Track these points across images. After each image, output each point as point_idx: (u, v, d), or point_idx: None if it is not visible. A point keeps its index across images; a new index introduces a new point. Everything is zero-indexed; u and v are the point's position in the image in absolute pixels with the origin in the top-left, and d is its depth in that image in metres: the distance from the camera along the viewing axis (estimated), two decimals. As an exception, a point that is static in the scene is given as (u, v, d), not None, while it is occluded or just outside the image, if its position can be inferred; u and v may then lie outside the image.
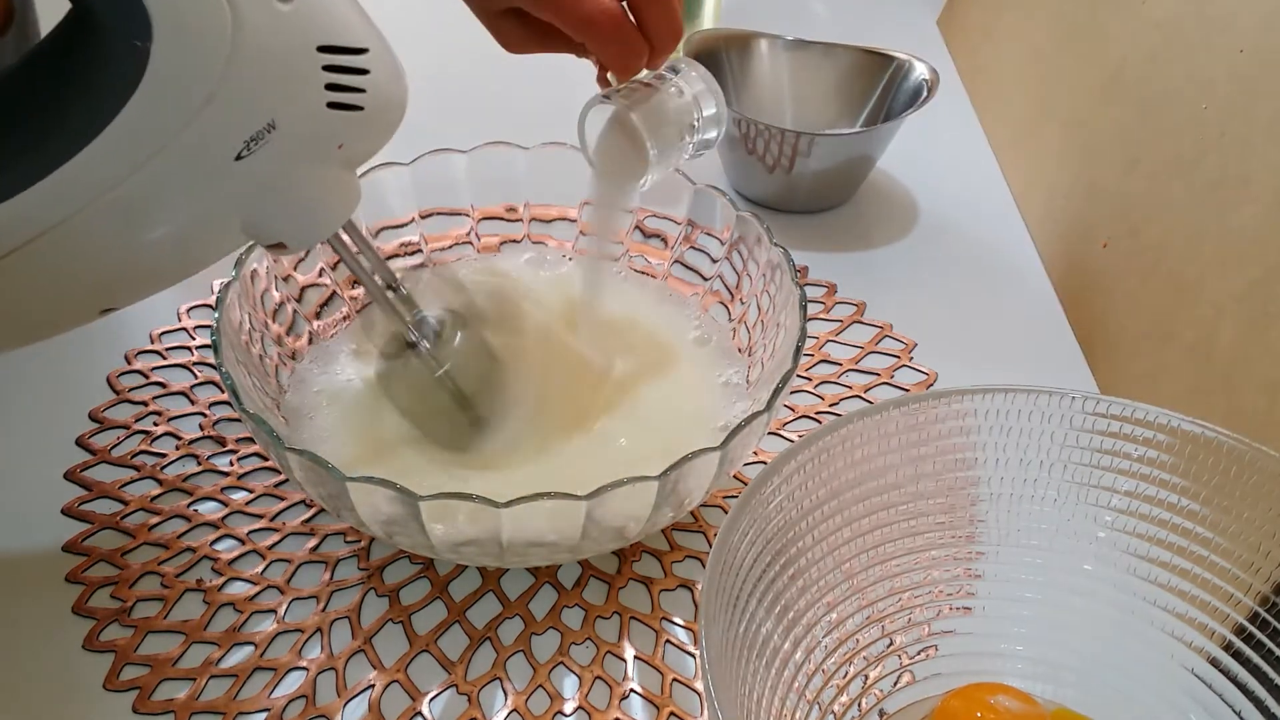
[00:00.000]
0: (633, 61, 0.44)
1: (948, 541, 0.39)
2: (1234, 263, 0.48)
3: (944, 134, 0.74)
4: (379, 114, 0.35)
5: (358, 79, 0.33)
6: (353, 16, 0.34)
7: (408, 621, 0.43)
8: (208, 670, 0.40)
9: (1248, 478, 0.34)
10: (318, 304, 0.51)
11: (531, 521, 0.38)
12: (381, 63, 0.34)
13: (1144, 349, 0.53)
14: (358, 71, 0.33)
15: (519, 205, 0.55)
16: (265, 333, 0.47)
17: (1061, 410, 0.37)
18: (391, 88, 0.35)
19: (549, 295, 0.51)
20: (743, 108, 0.69)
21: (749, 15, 0.76)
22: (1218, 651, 0.36)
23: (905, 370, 0.56)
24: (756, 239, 0.49)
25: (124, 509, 0.46)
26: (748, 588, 0.33)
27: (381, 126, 0.36)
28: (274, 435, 0.38)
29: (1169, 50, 0.56)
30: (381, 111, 0.35)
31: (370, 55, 0.34)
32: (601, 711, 0.40)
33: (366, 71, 0.33)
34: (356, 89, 0.33)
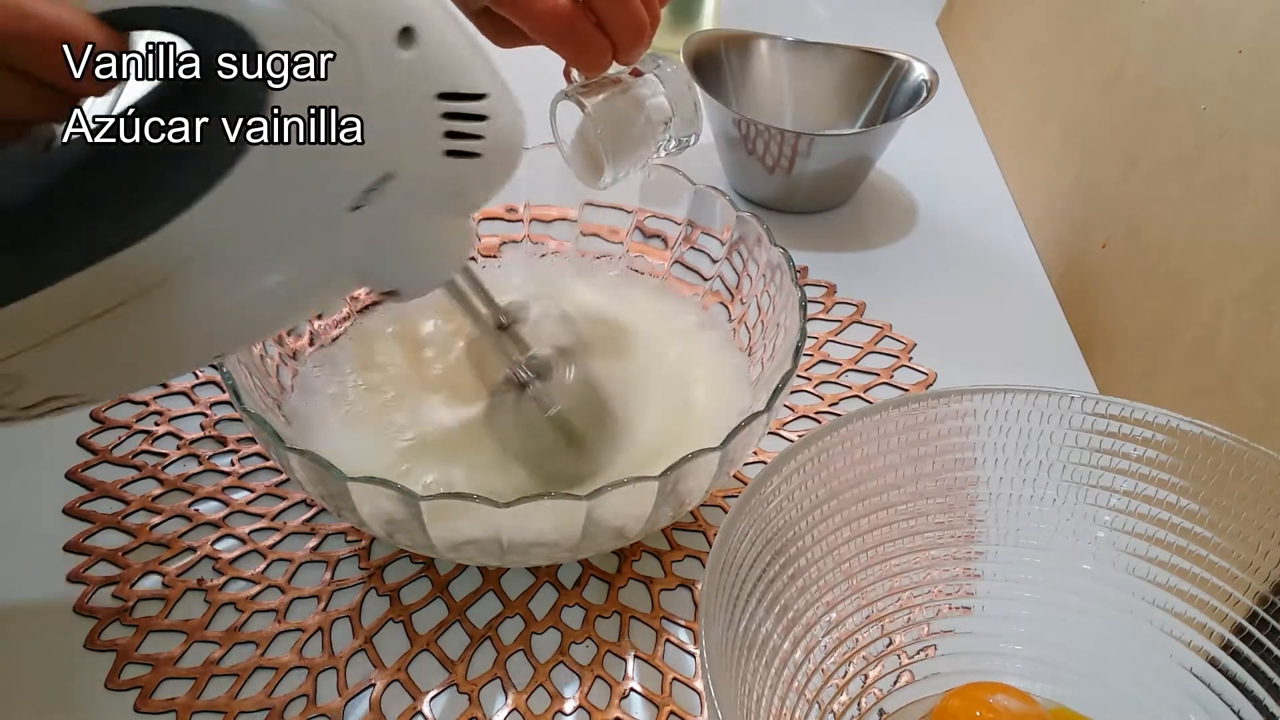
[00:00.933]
0: (593, 59, 0.42)
1: (947, 541, 0.39)
2: (1234, 262, 0.48)
3: (943, 134, 0.74)
4: (497, 160, 0.34)
5: (477, 125, 0.32)
6: (473, 60, 0.32)
7: (408, 621, 0.43)
8: (209, 669, 0.41)
9: (1247, 478, 0.34)
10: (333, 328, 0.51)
11: (532, 521, 0.38)
12: (501, 107, 0.33)
13: (1143, 349, 0.53)
14: (477, 118, 0.32)
15: (519, 205, 0.55)
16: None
17: (1061, 410, 0.37)
18: (511, 132, 0.34)
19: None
20: (743, 108, 0.69)
21: (749, 15, 0.76)
22: (1217, 651, 0.36)
23: (904, 370, 0.56)
24: (756, 239, 0.49)
25: (125, 508, 0.46)
26: (748, 587, 0.33)
27: (500, 172, 0.34)
28: (275, 435, 0.38)
29: (1169, 50, 0.56)
30: (500, 157, 0.34)
31: (490, 100, 0.32)
32: (602, 711, 0.40)
33: (486, 118, 0.32)
34: (475, 135, 0.32)
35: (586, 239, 0.55)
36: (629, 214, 0.54)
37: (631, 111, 0.44)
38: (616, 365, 0.46)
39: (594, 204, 0.55)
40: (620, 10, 0.41)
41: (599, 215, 0.55)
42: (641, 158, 0.45)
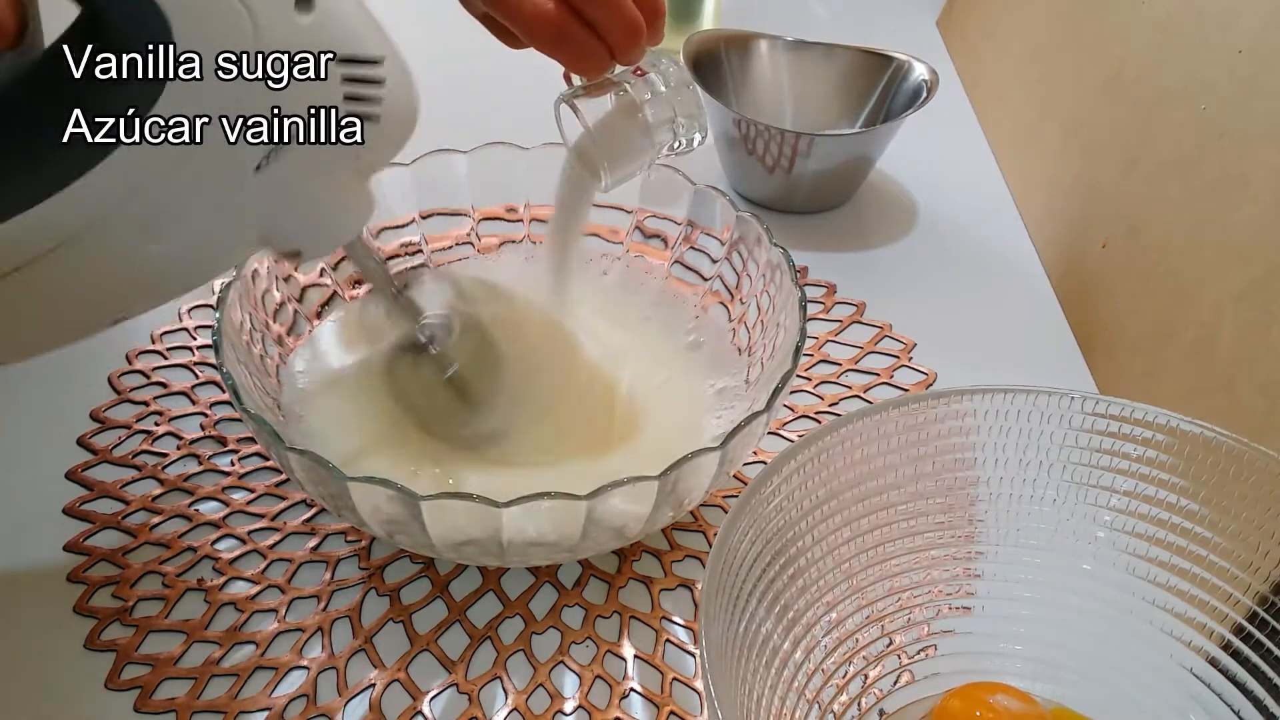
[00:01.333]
0: (587, 63, 0.42)
1: (947, 541, 0.39)
2: (1234, 263, 0.48)
3: (944, 134, 0.74)
4: (394, 123, 0.35)
5: (374, 89, 0.33)
6: (369, 27, 0.34)
7: (408, 621, 0.43)
8: (209, 669, 0.41)
9: (1247, 478, 0.34)
10: (318, 304, 0.51)
11: (532, 521, 0.38)
12: (396, 73, 0.34)
13: (1143, 349, 0.53)
14: (374, 82, 0.33)
15: (519, 205, 0.55)
16: (266, 333, 0.47)
17: (1061, 410, 0.37)
18: (406, 97, 0.35)
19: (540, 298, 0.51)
20: (743, 108, 0.69)
21: (749, 15, 0.77)
22: (1217, 651, 0.36)
23: (904, 370, 0.56)
24: (756, 239, 0.49)
25: (125, 508, 0.46)
26: (748, 587, 0.33)
27: (397, 135, 0.36)
28: (275, 435, 0.38)
29: (1169, 50, 0.56)
30: (397, 121, 0.35)
31: (386, 65, 0.34)
32: (602, 710, 0.40)
33: (382, 82, 0.33)
34: (373, 99, 0.33)
35: (587, 239, 0.55)
36: (629, 214, 0.54)
37: (628, 116, 0.44)
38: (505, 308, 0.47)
39: (594, 204, 0.54)
40: (611, 13, 0.40)
41: (599, 215, 0.55)
42: (640, 162, 0.45)
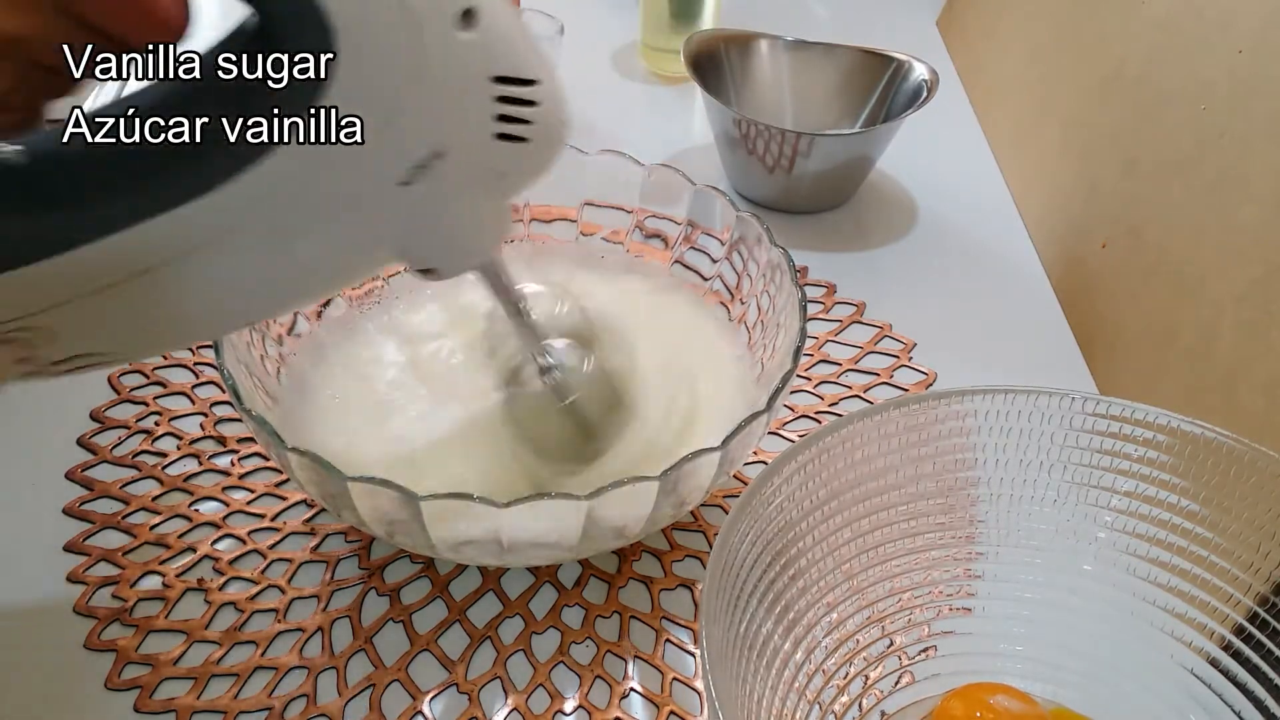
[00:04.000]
0: None
1: (947, 542, 0.39)
2: (1234, 263, 0.48)
3: (944, 134, 0.74)
4: (543, 146, 0.34)
5: (527, 110, 0.33)
6: (527, 47, 0.33)
7: (408, 621, 0.43)
8: (209, 670, 0.41)
9: (1247, 478, 0.34)
10: (318, 305, 0.51)
11: (532, 521, 0.38)
12: (550, 95, 0.34)
13: (1143, 349, 0.53)
14: (528, 103, 0.33)
15: (519, 205, 0.55)
16: (266, 333, 0.47)
17: (1061, 411, 0.37)
18: (557, 120, 0.34)
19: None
20: (743, 108, 0.69)
21: (749, 15, 0.76)
22: (1217, 651, 0.36)
23: (904, 370, 0.56)
24: (756, 239, 0.49)
25: (125, 508, 0.46)
26: (748, 588, 0.33)
27: (545, 158, 0.35)
28: (275, 435, 0.38)
29: (1168, 50, 0.56)
30: (546, 144, 0.34)
31: (541, 87, 0.33)
32: (602, 710, 0.40)
33: (536, 104, 0.33)
34: (525, 120, 0.33)
35: (587, 239, 0.55)
36: (629, 214, 0.54)
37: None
38: (626, 358, 0.46)
39: (594, 204, 0.55)
40: None
41: (599, 215, 0.55)
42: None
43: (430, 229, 0.33)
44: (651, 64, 0.80)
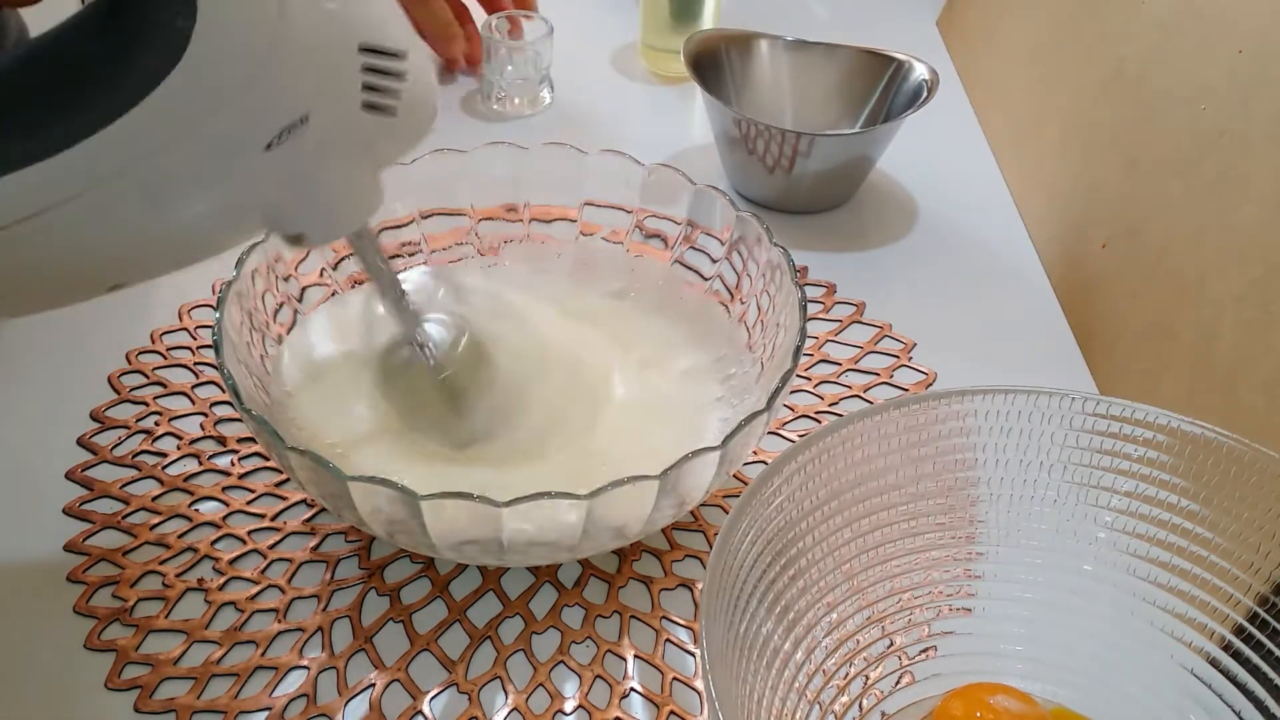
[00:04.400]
0: None
1: (948, 542, 0.39)
2: (1234, 262, 0.48)
3: (944, 134, 0.74)
4: (411, 119, 0.35)
5: (394, 82, 0.33)
6: (395, 20, 0.33)
7: (408, 620, 0.43)
8: (209, 669, 0.41)
9: (1247, 478, 0.34)
10: (319, 304, 0.51)
11: (530, 520, 0.38)
12: (418, 69, 0.34)
13: (1144, 349, 0.53)
14: (395, 75, 0.33)
15: (519, 205, 0.55)
16: (266, 332, 0.47)
17: (1061, 411, 0.37)
18: (425, 94, 0.35)
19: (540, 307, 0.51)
20: (743, 108, 0.69)
21: (749, 15, 0.76)
22: (1217, 651, 0.36)
23: (904, 370, 0.56)
24: (756, 239, 0.49)
25: (125, 508, 0.46)
26: (748, 588, 0.33)
27: (412, 132, 0.36)
28: (275, 434, 0.38)
29: (1169, 50, 0.56)
30: (414, 117, 0.35)
31: (409, 60, 0.33)
32: (602, 710, 0.40)
33: (403, 76, 0.33)
34: (392, 91, 0.33)
35: (587, 239, 0.55)
36: (629, 214, 0.54)
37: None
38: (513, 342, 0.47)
39: (594, 204, 0.55)
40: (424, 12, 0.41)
41: (599, 215, 0.55)
42: None
43: (296, 194, 0.34)
44: (651, 64, 0.80)
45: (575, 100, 0.75)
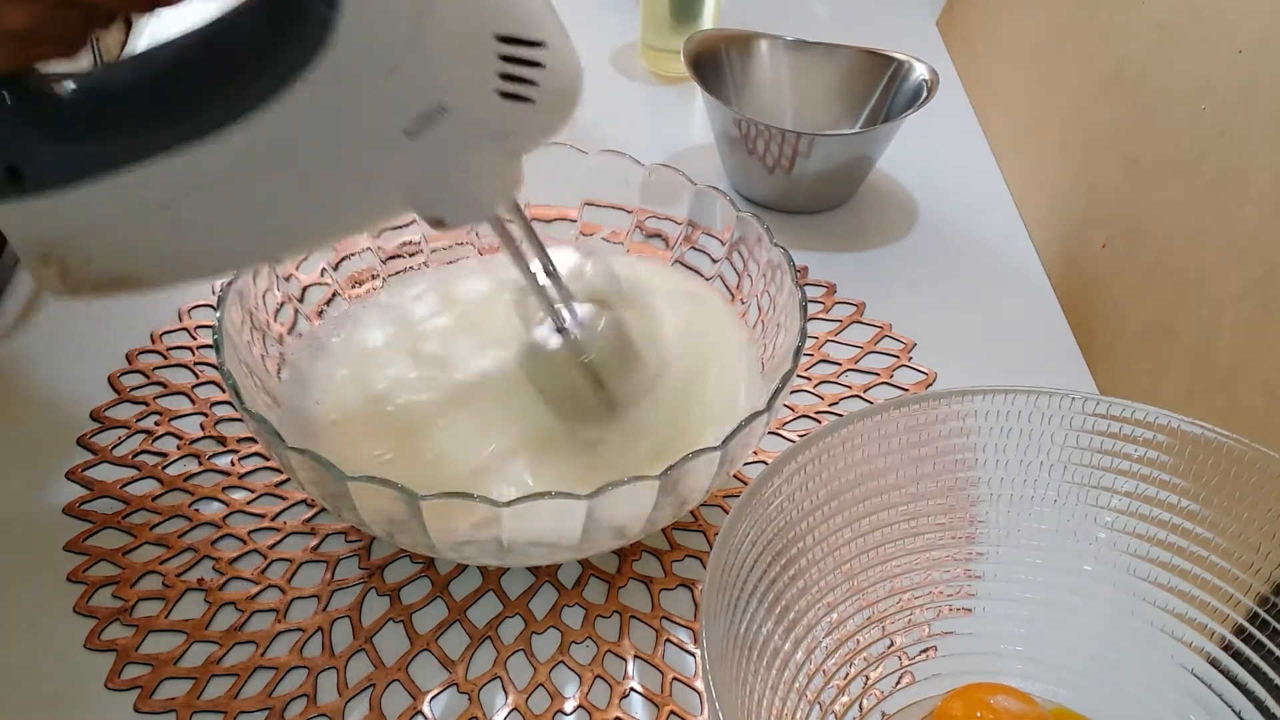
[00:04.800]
0: None
1: (948, 542, 0.39)
2: (1234, 262, 0.48)
3: (944, 134, 0.74)
4: (549, 108, 0.35)
5: (532, 71, 0.33)
6: (536, 8, 0.34)
7: (408, 620, 0.43)
8: (209, 669, 0.41)
9: (1247, 478, 0.34)
10: (319, 304, 0.51)
11: (532, 521, 0.38)
12: (558, 58, 0.34)
13: (1144, 349, 0.53)
14: (533, 64, 0.33)
15: (519, 205, 0.55)
16: (267, 332, 0.47)
17: (1061, 411, 0.37)
18: (565, 84, 0.35)
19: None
20: (743, 108, 0.69)
21: (749, 15, 0.76)
22: (1217, 651, 0.36)
23: (904, 370, 0.56)
24: (757, 239, 0.49)
25: (125, 508, 0.46)
26: (748, 588, 0.33)
27: (550, 121, 0.36)
28: (275, 435, 0.38)
29: (1169, 50, 0.56)
30: (552, 106, 0.35)
31: (548, 50, 0.34)
32: (602, 710, 0.40)
33: (542, 65, 0.33)
34: (530, 81, 0.33)
35: (587, 239, 0.55)
36: (629, 214, 0.54)
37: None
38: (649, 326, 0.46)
39: (594, 204, 0.55)
40: None
41: (599, 215, 0.55)
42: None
43: (436, 179, 0.34)
44: (651, 64, 0.80)
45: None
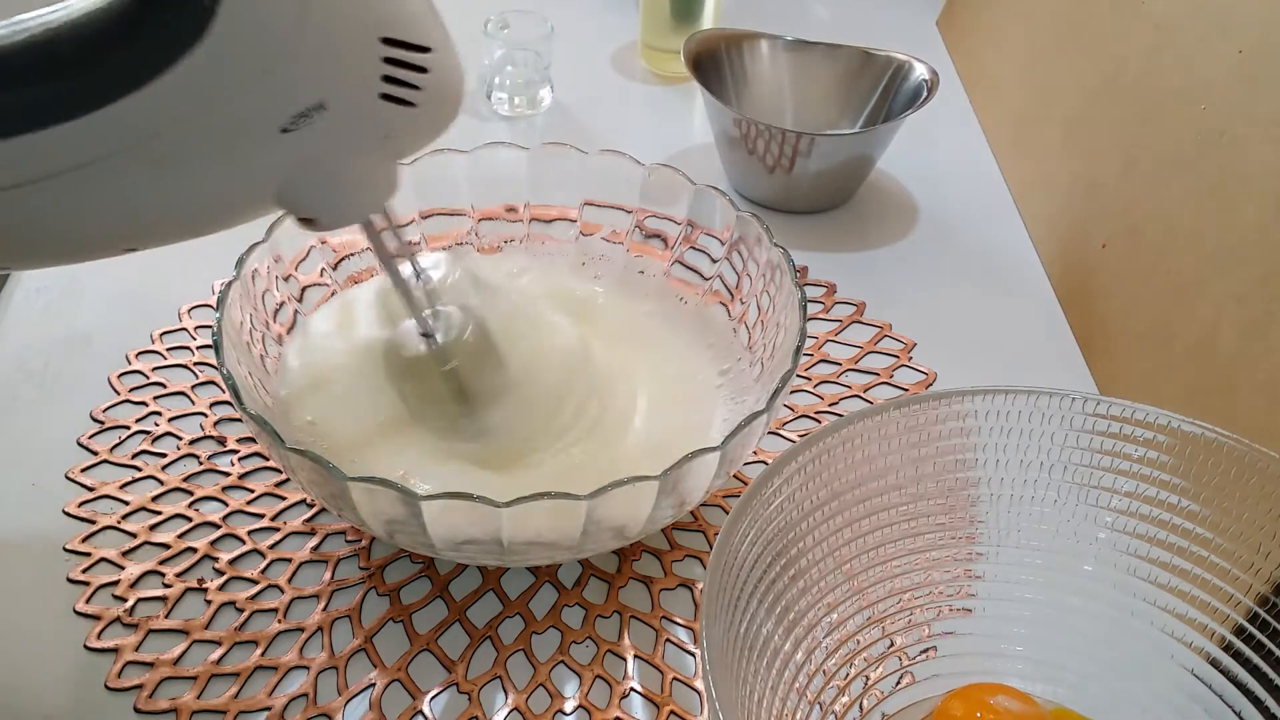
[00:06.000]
0: None
1: (948, 542, 0.39)
2: (1234, 263, 0.48)
3: (944, 134, 0.74)
4: (431, 113, 0.35)
5: (416, 75, 0.33)
6: (423, 14, 0.33)
7: (408, 620, 0.43)
8: (209, 670, 0.41)
9: (1247, 478, 0.34)
10: (318, 304, 0.51)
11: (532, 521, 0.38)
12: (443, 65, 0.34)
13: (1144, 349, 0.53)
14: (417, 69, 0.33)
15: (519, 205, 0.55)
16: (266, 332, 0.47)
17: (1061, 411, 0.37)
18: (448, 90, 0.35)
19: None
20: (743, 108, 0.69)
21: (749, 15, 0.76)
22: (1217, 652, 0.36)
23: (904, 370, 0.56)
24: (756, 239, 0.49)
25: (125, 509, 0.46)
26: (748, 588, 0.33)
27: (432, 125, 0.36)
28: (275, 435, 0.38)
29: (1169, 50, 0.56)
30: (434, 111, 0.35)
31: (433, 55, 0.33)
32: (602, 710, 0.40)
33: (426, 70, 0.33)
34: (412, 85, 0.33)
35: (586, 239, 0.55)
36: (629, 214, 0.54)
37: None
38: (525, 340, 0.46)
39: (594, 204, 0.55)
40: None
41: (599, 215, 0.55)
42: None
43: (310, 179, 0.34)
44: (651, 64, 0.80)
45: (575, 100, 0.75)
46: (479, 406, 0.44)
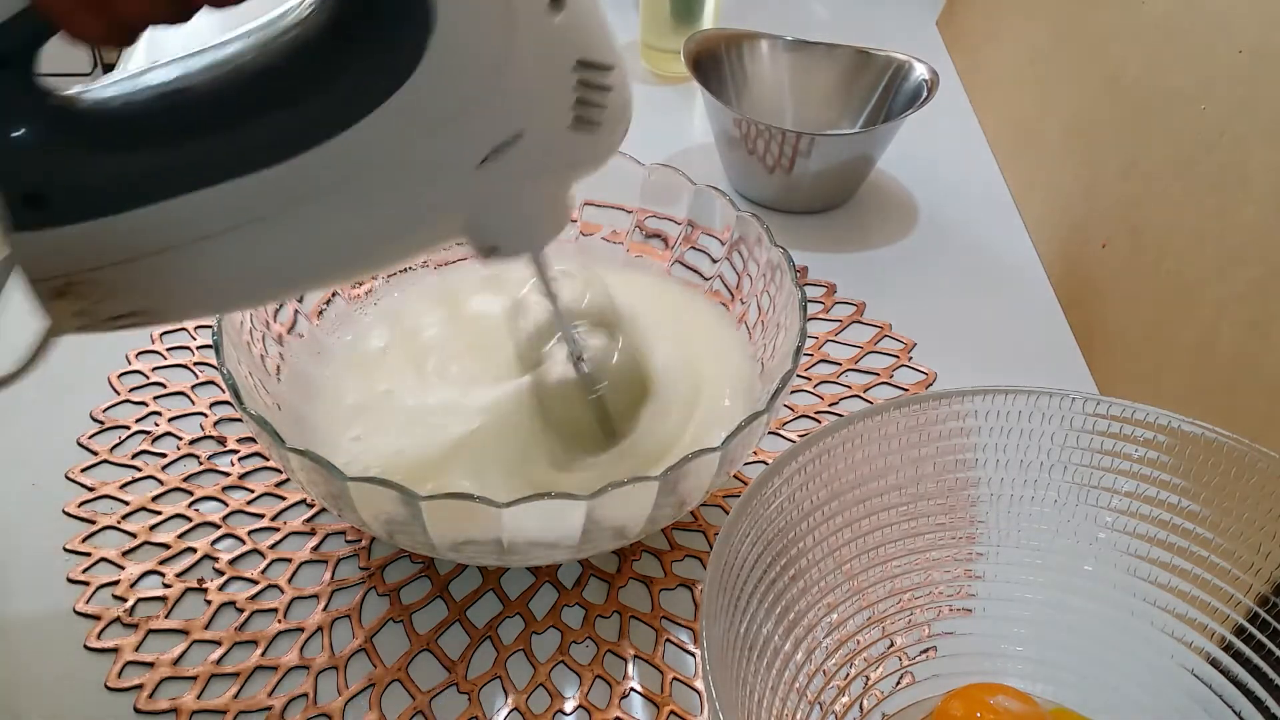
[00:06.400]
0: None
1: (948, 542, 0.39)
2: (1234, 263, 0.48)
3: (944, 134, 0.74)
4: (610, 133, 0.35)
5: (602, 96, 0.33)
6: (607, 32, 0.33)
7: (408, 620, 0.43)
8: (209, 670, 0.41)
9: (1248, 478, 0.34)
10: (319, 304, 0.51)
11: (532, 521, 0.38)
12: (622, 82, 0.34)
13: (1144, 349, 0.53)
14: (603, 88, 0.33)
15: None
16: (266, 332, 0.47)
17: (1061, 411, 0.37)
18: (625, 110, 0.35)
19: None
20: (743, 108, 0.69)
21: (749, 15, 0.76)
22: (1217, 652, 0.36)
23: (904, 370, 0.56)
24: (757, 239, 0.49)
25: (125, 509, 0.46)
26: (749, 588, 0.33)
27: (609, 145, 0.35)
28: (275, 435, 0.38)
29: (1169, 50, 0.56)
30: (613, 131, 0.35)
31: (615, 74, 0.33)
32: (602, 710, 0.40)
33: (610, 89, 0.33)
34: (599, 105, 0.33)
35: (587, 239, 0.55)
36: (629, 214, 0.54)
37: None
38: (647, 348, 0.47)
39: (594, 204, 0.55)
40: None
41: (599, 215, 0.55)
42: None
43: (499, 209, 0.34)
44: (651, 64, 0.80)
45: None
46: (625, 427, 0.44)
